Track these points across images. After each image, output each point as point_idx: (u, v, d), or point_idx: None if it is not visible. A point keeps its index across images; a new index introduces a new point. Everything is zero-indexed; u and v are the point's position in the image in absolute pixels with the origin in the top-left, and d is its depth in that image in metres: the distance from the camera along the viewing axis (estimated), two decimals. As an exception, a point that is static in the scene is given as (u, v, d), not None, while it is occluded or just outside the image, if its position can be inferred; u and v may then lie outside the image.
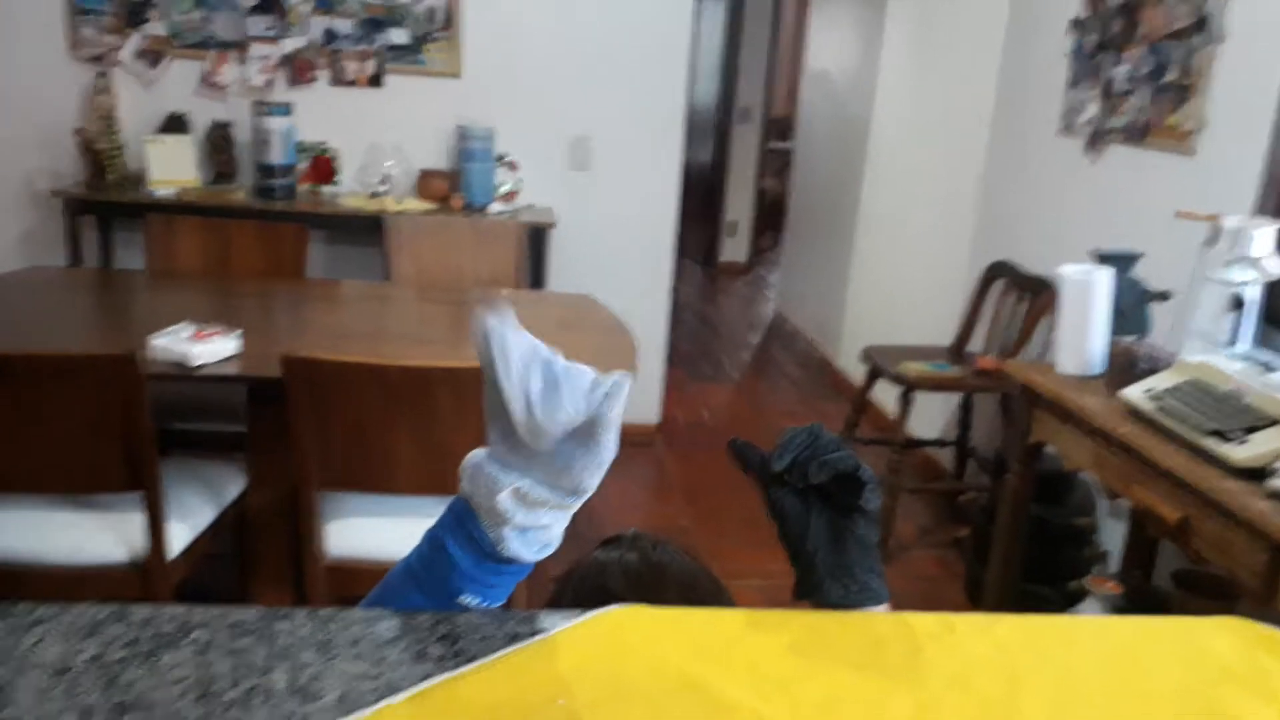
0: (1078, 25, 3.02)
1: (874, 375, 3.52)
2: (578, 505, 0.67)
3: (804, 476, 0.72)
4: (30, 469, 1.91)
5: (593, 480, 0.66)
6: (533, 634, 0.67)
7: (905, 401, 3.32)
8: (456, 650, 0.65)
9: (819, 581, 0.73)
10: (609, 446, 0.64)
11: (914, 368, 3.31)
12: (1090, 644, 0.70)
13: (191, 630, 0.65)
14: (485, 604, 0.69)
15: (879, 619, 0.72)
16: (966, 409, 3.61)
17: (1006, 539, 2.50)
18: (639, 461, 3.96)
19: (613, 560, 0.88)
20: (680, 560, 0.90)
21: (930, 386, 3.35)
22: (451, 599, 0.68)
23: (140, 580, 1.99)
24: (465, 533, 0.67)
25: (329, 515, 2.09)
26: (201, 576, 2.18)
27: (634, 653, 0.65)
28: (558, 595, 0.88)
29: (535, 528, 0.66)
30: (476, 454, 0.66)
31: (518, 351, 0.63)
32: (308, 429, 1.89)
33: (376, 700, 0.59)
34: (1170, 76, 2.58)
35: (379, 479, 1.97)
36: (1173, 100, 2.58)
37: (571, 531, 0.72)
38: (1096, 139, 2.92)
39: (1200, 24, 2.46)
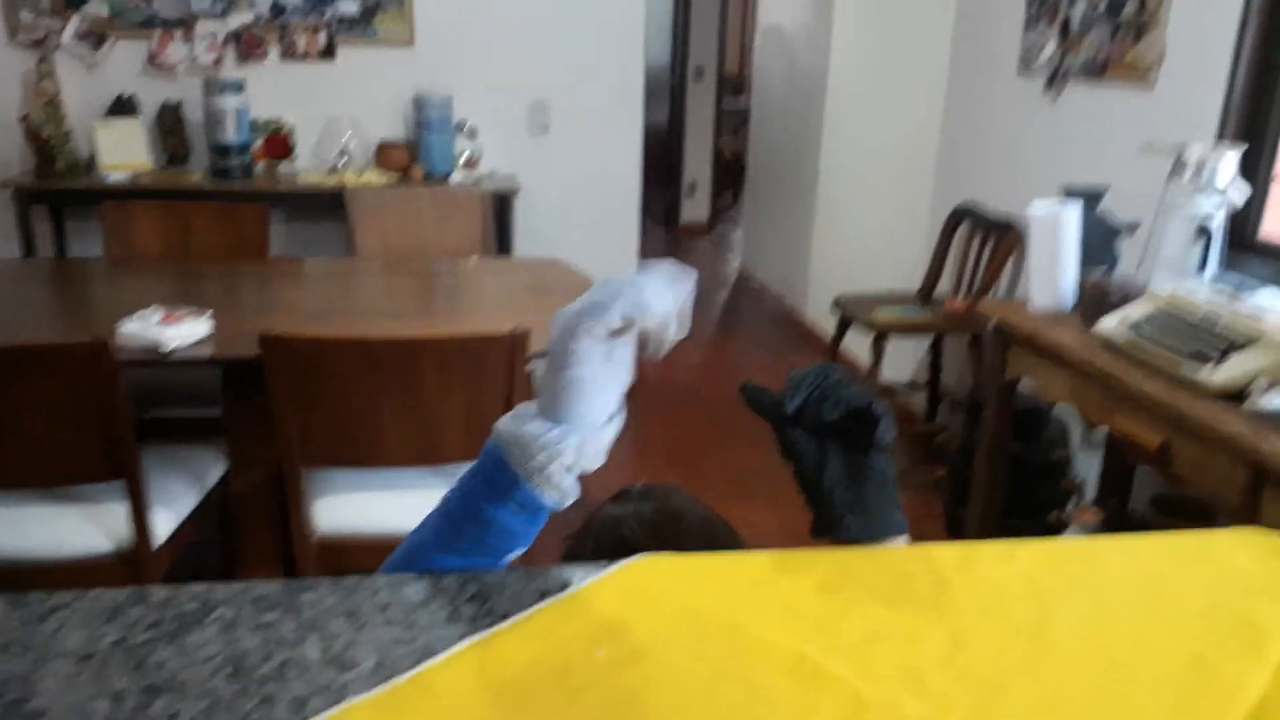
0: (1033, -37, 3.02)
1: (845, 324, 3.53)
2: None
3: (817, 415, 0.72)
4: (9, 464, 1.87)
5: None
6: (562, 589, 0.66)
7: (878, 348, 3.34)
8: (488, 609, 0.64)
9: (838, 518, 0.73)
10: None
11: (885, 314, 3.33)
12: (1113, 564, 0.71)
13: (214, 608, 0.64)
14: (520, 552, 0.71)
15: (903, 553, 0.73)
16: (936, 352, 3.64)
17: (986, 476, 2.54)
18: (616, 424, 3.95)
19: (628, 513, 0.88)
20: (694, 507, 0.90)
21: (902, 331, 3.37)
22: (497, 559, 0.70)
23: (127, 571, 1.96)
24: (523, 502, 0.68)
25: (317, 492, 2.06)
26: (188, 563, 2.15)
27: (667, 600, 0.65)
28: (574, 552, 0.87)
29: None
30: (568, 429, 0.66)
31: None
32: (289, 407, 1.86)
33: (414, 664, 0.58)
34: (1127, 11, 2.59)
35: (366, 453, 1.95)
36: (1131, 35, 2.59)
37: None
38: (1056, 78, 2.93)
39: (1156, -45, 2.47)
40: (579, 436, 0.66)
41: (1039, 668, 0.60)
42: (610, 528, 0.87)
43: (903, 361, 3.98)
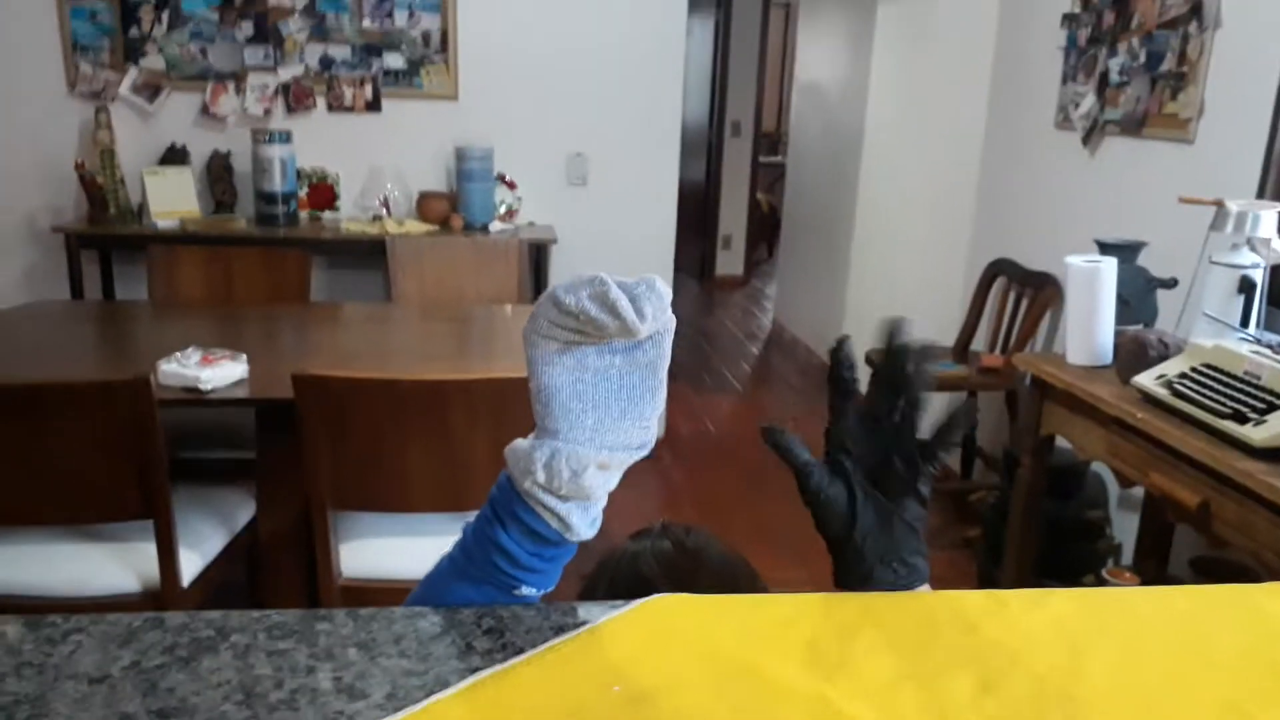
0: (1070, 19, 3.04)
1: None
2: (641, 457, 0.64)
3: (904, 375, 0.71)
4: (42, 500, 1.89)
5: (655, 424, 0.63)
6: (578, 625, 0.65)
7: (913, 403, 3.30)
8: (503, 644, 0.63)
9: (868, 570, 0.71)
10: (664, 382, 0.63)
11: (920, 369, 3.29)
12: (1147, 614, 0.69)
13: (230, 634, 0.64)
14: (541, 591, 0.67)
15: (928, 598, 0.71)
16: (971, 409, 3.60)
17: (1021, 534, 2.48)
18: (646, 475, 3.94)
19: (645, 549, 0.86)
20: (714, 546, 0.88)
21: (936, 387, 3.33)
22: (508, 592, 0.66)
23: (154, 610, 1.97)
24: (522, 526, 0.64)
25: (343, 536, 2.07)
26: (214, 605, 2.15)
27: (685, 640, 0.64)
28: (590, 589, 0.86)
29: (598, 501, 0.64)
30: (539, 443, 0.62)
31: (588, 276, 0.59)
32: (320, 448, 1.87)
33: (426, 696, 0.58)
34: (1166, 65, 2.59)
35: (393, 497, 1.95)
36: (1170, 89, 2.58)
37: (588, 542, 0.70)
38: (1094, 131, 2.92)
39: (1195, 11, 2.47)
40: (549, 450, 0.61)
41: (1070, 714, 0.58)
42: (627, 564, 0.86)
43: (936, 418, 3.93)
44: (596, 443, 0.61)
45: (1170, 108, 2.58)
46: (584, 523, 0.64)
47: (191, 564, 2.03)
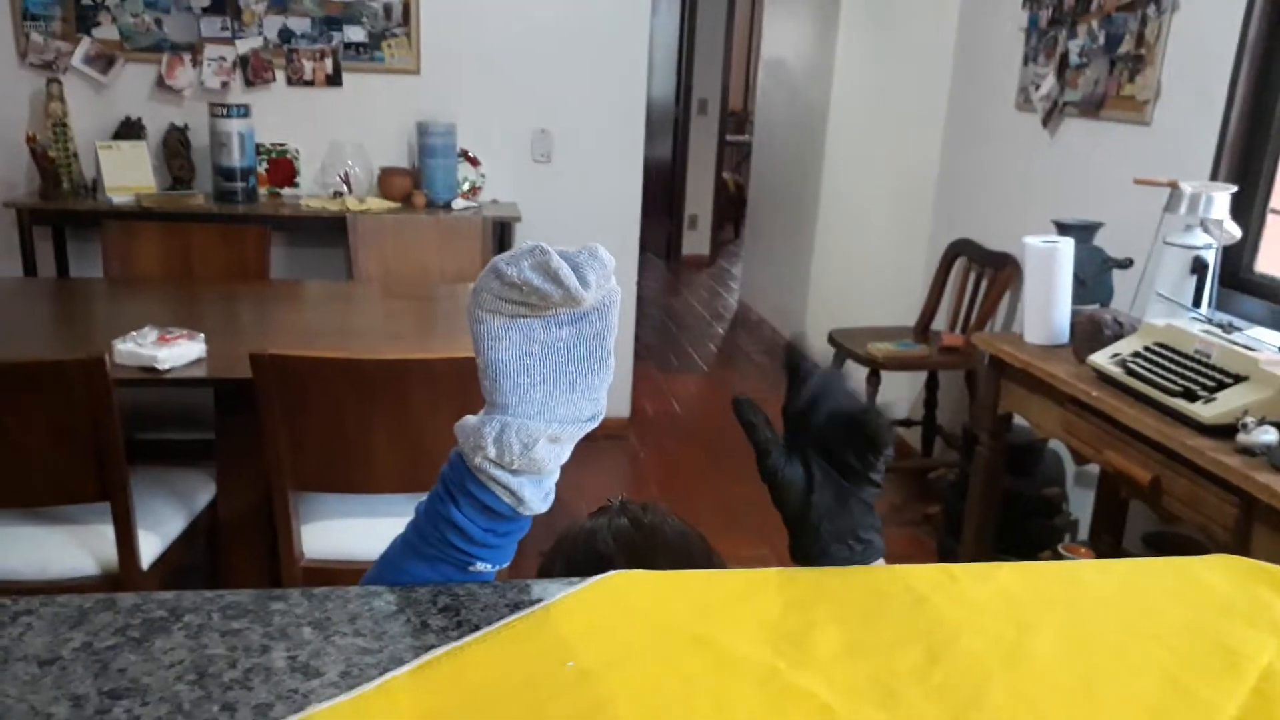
0: (1031, 1, 3.06)
1: (840, 359, 3.53)
2: (591, 429, 0.65)
3: (816, 415, 0.70)
4: (-5, 482, 1.86)
5: (604, 396, 0.65)
6: (534, 602, 0.66)
7: (873, 382, 3.34)
8: (459, 621, 0.63)
9: (824, 547, 0.72)
10: (612, 353, 0.64)
11: (880, 348, 3.33)
12: (1092, 585, 0.70)
13: (183, 614, 0.64)
14: (496, 567, 0.67)
15: (879, 572, 0.72)
16: (931, 387, 3.64)
17: (979, 511, 2.52)
18: (612, 454, 3.95)
19: (602, 526, 0.87)
20: (670, 523, 0.89)
21: (897, 366, 3.37)
22: (463, 569, 0.67)
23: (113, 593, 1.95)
24: (474, 501, 0.64)
25: (305, 517, 2.06)
26: (175, 588, 2.14)
27: (639, 615, 0.65)
28: (547, 566, 0.87)
29: (550, 474, 0.64)
30: (488, 418, 0.62)
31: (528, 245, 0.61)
32: (280, 429, 1.86)
33: (380, 674, 0.58)
34: (1124, 48, 2.62)
35: (354, 478, 1.94)
36: (1127, 71, 2.61)
37: (548, 521, 0.70)
38: (1054, 113, 2.95)
39: (1152, -6, 2.50)
40: (499, 424, 0.61)
41: (1014, 684, 0.59)
42: (584, 541, 0.86)
43: (898, 396, 3.98)
44: (546, 416, 0.62)
45: (1128, 90, 2.61)
46: (536, 496, 0.64)
47: (151, 547, 2.01)
